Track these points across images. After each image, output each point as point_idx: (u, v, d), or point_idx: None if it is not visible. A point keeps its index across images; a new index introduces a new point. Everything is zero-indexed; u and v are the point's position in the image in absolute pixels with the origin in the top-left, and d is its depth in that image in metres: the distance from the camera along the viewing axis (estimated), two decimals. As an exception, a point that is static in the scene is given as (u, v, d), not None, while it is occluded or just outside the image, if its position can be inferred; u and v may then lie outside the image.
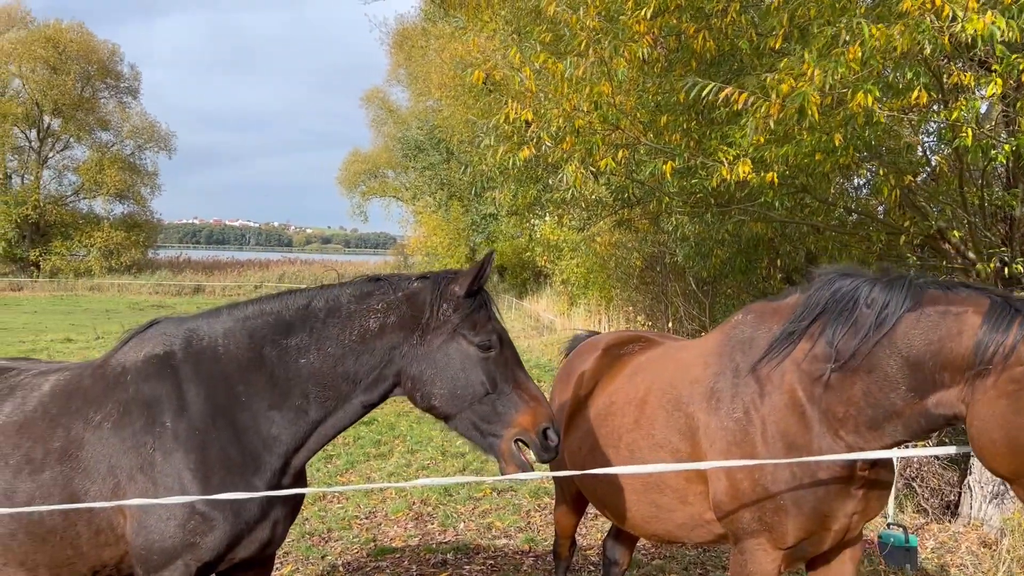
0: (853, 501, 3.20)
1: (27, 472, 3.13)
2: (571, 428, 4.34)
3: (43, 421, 3.21)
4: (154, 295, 40.93)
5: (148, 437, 3.11)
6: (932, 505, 7.72)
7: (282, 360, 3.21)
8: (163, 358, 3.25)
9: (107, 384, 3.26)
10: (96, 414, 3.19)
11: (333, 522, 7.19)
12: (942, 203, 7.06)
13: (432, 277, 3.30)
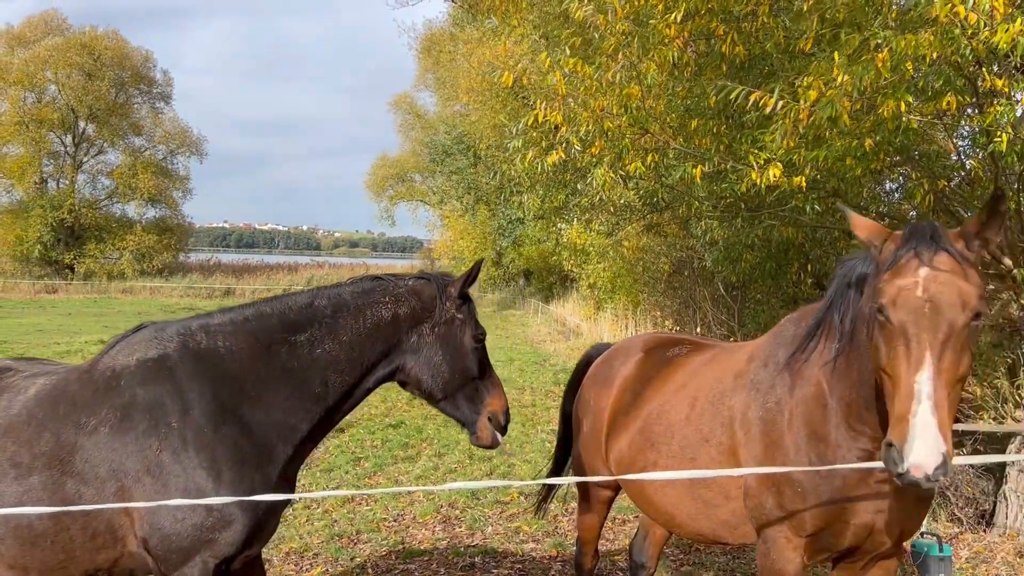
0: (876, 496, 3.13)
1: (13, 476, 3.14)
2: (617, 430, 4.34)
3: (28, 426, 3.22)
4: (185, 298, 41.50)
5: (153, 439, 3.17)
6: (967, 514, 7.60)
7: (294, 354, 3.41)
8: (158, 361, 3.31)
9: (97, 389, 3.30)
10: (90, 419, 3.22)
11: (362, 524, 7.24)
12: (977, 208, 6.96)
13: (433, 277, 3.73)
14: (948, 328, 2.46)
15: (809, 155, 5.52)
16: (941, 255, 2.55)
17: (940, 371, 2.43)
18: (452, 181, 45.38)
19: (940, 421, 2.36)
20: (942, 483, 2.42)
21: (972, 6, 4.17)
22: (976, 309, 2.50)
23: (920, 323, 2.48)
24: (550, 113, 6.43)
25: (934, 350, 2.44)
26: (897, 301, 2.54)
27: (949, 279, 2.51)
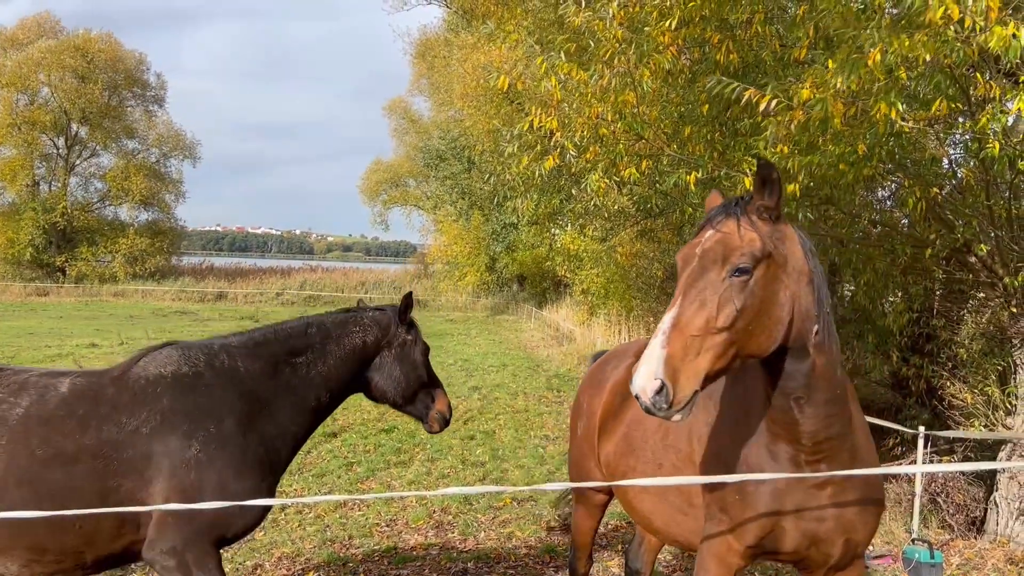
0: (812, 504, 3.08)
1: (59, 463, 3.48)
2: (605, 434, 4.36)
3: (71, 419, 3.58)
4: (177, 301, 41.37)
5: (193, 442, 3.66)
6: (957, 521, 7.62)
7: (295, 373, 4.14)
8: (193, 376, 3.85)
9: (135, 394, 3.73)
10: (131, 419, 3.64)
11: (354, 529, 7.22)
12: (968, 216, 6.99)
13: (388, 308, 4.62)
14: (704, 277, 2.63)
15: (803, 161, 5.54)
16: (728, 220, 2.74)
17: (686, 313, 2.57)
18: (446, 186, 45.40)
19: (670, 353, 2.49)
20: (669, 414, 2.46)
21: (968, 7, 4.18)
22: (736, 264, 2.63)
23: (686, 274, 2.68)
24: (545, 119, 6.44)
25: (687, 295, 2.61)
26: (681, 258, 2.77)
27: (722, 238, 2.69)
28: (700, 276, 2.64)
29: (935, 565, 6.05)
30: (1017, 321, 6.94)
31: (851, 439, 3.07)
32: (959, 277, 7.75)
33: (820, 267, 2.90)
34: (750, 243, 2.67)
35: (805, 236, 2.93)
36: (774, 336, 2.72)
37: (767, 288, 2.68)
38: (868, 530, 3.21)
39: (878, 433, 9.98)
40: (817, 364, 2.85)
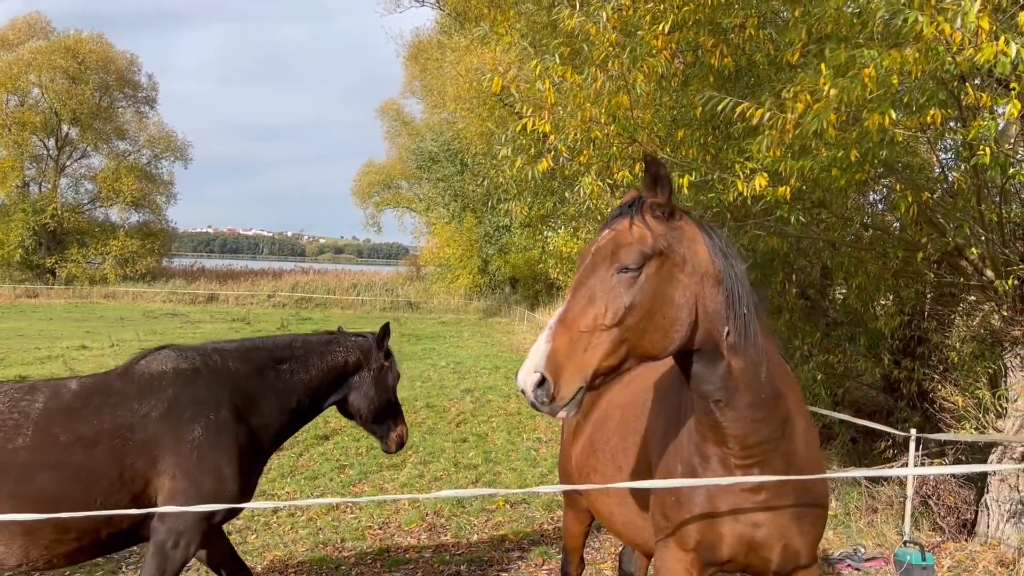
0: (745, 507, 3.05)
1: (81, 446, 3.93)
2: (576, 436, 4.40)
3: (87, 409, 4.05)
4: (168, 303, 41.20)
5: (196, 427, 4.16)
6: (948, 523, 7.66)
7: (279, 377, 4.67)
8: (192, 372, 4.36)
9: (142, 386, 4.21)
10: (141, 406, 4.12)
11: (347, 532, 7.20)
12: (960, 220, 7.02)
13: (370, 335, 5.14)
14: (594, 274, 2.66)
15: (795, 165, 5.55)
16: (623, 219, 2.77)
17: (572, 311, 2.60)
18: (438, 188, 45.36)
19: (554, 348, 2.51)
20: (553, 409, 2.49)
21: (959, 25, 4.21)
22: (624, 263, 2.64)
23: (579, 272, 2.73)
24: (539, 122, 6.44)
25: (576, 292, 2.66)
26: (579, 257, 2.83)
27: (614, 236, 2.71)
28: (591, 273, 2.67)
29: (926, 567, 6.08)
30: (1007, 324, 6.98)
31: (786, 444, 3.01)
32: (950, 280, 7.79)
33: (737, 268, 2.86)
34: (639, 240, 2.68)
35: (718, 236, 2.89)
36: (671, 337, 2.70)
37: (659, 287, 2.67)
38: (808, 539, 3.14)
39: (870, 436, 10.03)
40: (733, 367, 2.81)
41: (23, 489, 3.77)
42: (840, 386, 10.64)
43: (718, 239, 2.87)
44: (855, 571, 6.72)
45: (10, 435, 3.83)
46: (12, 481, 3.76)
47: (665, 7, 5.98)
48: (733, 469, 3.00)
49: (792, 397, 3.06)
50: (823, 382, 10.16)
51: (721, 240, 2.88)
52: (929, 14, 4.30)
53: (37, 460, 3.82)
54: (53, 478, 3.82)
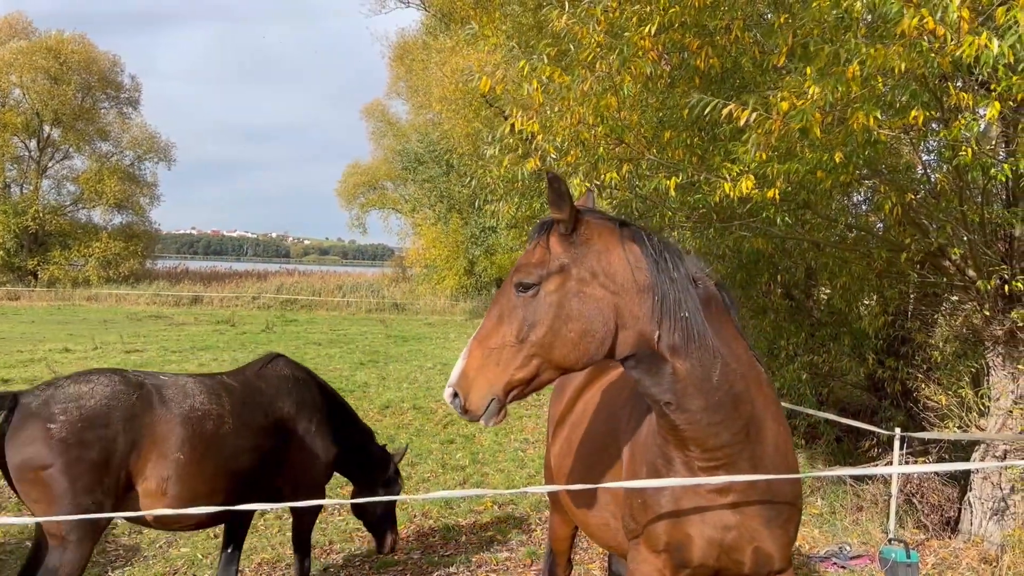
0: (713, 510, 3.05)
1: (260, 433, 5.02)
2: (555, 438, 4.42)
3: (254, 404, 5.07)
4: (152, 305, 40.87)
5: (311, 424, 5.36)
6: (932, 521, 7.74)
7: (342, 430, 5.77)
8: (305, 380, 5.55)
9: (278, 389, 5.30)
10: (281, 406, 5.24)
11: (335, 534, 7.19)
12: (942, 220, 7.11)
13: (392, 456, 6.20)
14: (502, 296, 2.84)
15: (781, 167, 5.60)
16: (530, 241, 2.92)
17: (486, 331, 2.78)
18: (424, 189, 45.25)
19: (466, 365, 2.75)
20: (472, 419, 2.75)
21: (940, 18, 4.25)
22: (520, 280, 2.80)
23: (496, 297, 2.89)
24: (527, 123, 6.46)
25: (490, 311, 2.83)
26: None
27: (520, 259, 2.88)
28: (501, 294, 2.84)
29: (911, 565, 6.14)
30: (990, 324, 7.06)
31: (752, 447, 2.98)
32: (933, 281, 7.87)
33: (675, 272, 2.85)
34: (538, 261, 2.81)
35: (649, 243, 2.87)
36: (582, 348, 2.77)
37: (561, 302, 2.76)
38: (780, 542, 3.11)
39: (855, 434, 10.11)
40: (679, 369, 2.80)
41: (230, 466, 4.76)
42: (825, 386, 10.73)
43: (650, 246, 2.86)
44: (841, 569, 6.78)
45: (219, 423, 4.76)
46: (223, 459, 4.72)
47: (651, 9, 6.01)
48: (696, 472, 2.99)
49: (760, 399, 3.03)
50: (808, 382, 10.24)
51: (654, 246, 2.87)
52: (912, 8, 4.35)
53: (238, 443, 4.82)
54: (247, 457, 4.87)
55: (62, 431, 4.16)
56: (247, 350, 21.48)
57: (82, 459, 4.15)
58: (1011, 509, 6.78)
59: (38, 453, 4.13)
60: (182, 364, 17.94)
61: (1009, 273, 6.60)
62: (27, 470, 4.15)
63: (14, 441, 4.18)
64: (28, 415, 4.21)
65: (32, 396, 4.31)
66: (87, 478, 4.16)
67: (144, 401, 4.48)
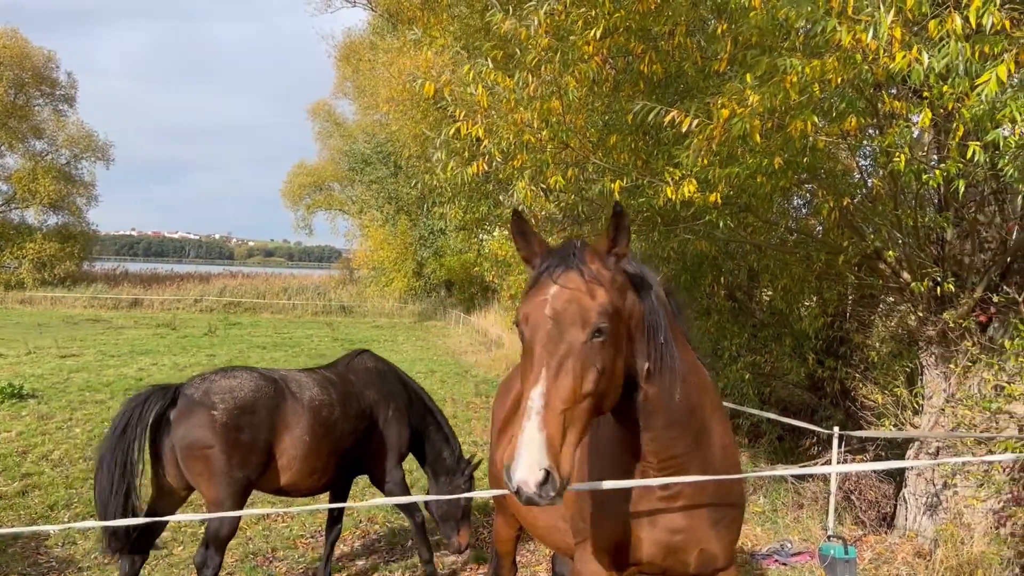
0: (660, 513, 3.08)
1: (360, 419, 5.88)
2: (500, 441, 4.44)
3: (350, 395, 5.87)
4: (89, 308, 39.70)
5: (388, 409, 6.11)
6: (869, 517, 7.93)
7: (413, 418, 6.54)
8: (385, 371, 6.35)
9: (365, 380, 6.09)
10: (370, 394, 6.06)
11: (278, 541, 7.07)
12: (878, 224, 7.30)
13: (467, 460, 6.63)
14: (567, 346, 2.48)
15: (722, 172, 5.69)
16: (570, 273, 2.60)
17: (555, 387, 2.42)
18: (372, 191, 44.88)
19: (548, 437, 2.34)
20: (556, 501, 2.32)
21: (874, 34, 4.38)
22: (596, 326, 2.52)
23: (541, 339, 2.51)
24: (471, 127, 6.44)
25: (550, 366, 2.45)
26: (528, 319, 2.59)
27: (573, 296, 2.55)
28: (559, 341, 2.50)
29: (849, 560, 6.28)
30: (923, 325, 7.28)
31: (702, 453, 3.04)
32: (870, 282, 8.08)
33: (654, 293, 2.85)
34: (602, 302, 2.57)
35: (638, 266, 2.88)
36: (620, 389, 2.69)
37: (616, 343, 2.60)
38: (724, 543, 3.17)
39: (796, 433, 10.32)
40: (650, 394, 2.82)
41: (337, 446, 5.61)
42: (767, 385, 10.93)
43: (641, 268, 2.87)
44: (782, 566, 6.91)
45: (331, 411, 5.59)
46: (333, 441, 5.56)
47: (596, 13, 6.05)
48: (650, 477, 3.03)
49: (708, 406, 3.09)
50: (751, 382, 10.43)
51: (642, 269, 2.87)
52: (847, 24, 4.46)
53: (343, 427, 5.66)
54: (348, 439, 5.72)
55: (223, 417, 4.99)
56: (188, 354, 21.02)
57: (238, 441, 5.00)
58: (943, 504, 6.99)
59: (204, 435, 4.94)
60: (120, 369, 17.47)
61: (941, 275, 6.81)
62: (194, 449, 4.95)
63: (182, 425, 4.98)
64: (193, 404, 5.02)
65: (193, 388, 5.13)
66: (240, 456, 5.01)
67: (279, 393, 5.37)
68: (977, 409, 6.76)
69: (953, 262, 7.06)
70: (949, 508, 6.91)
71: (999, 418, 6.71)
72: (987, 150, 4.81)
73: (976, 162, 4.86)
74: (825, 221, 7.51)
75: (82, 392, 14.25)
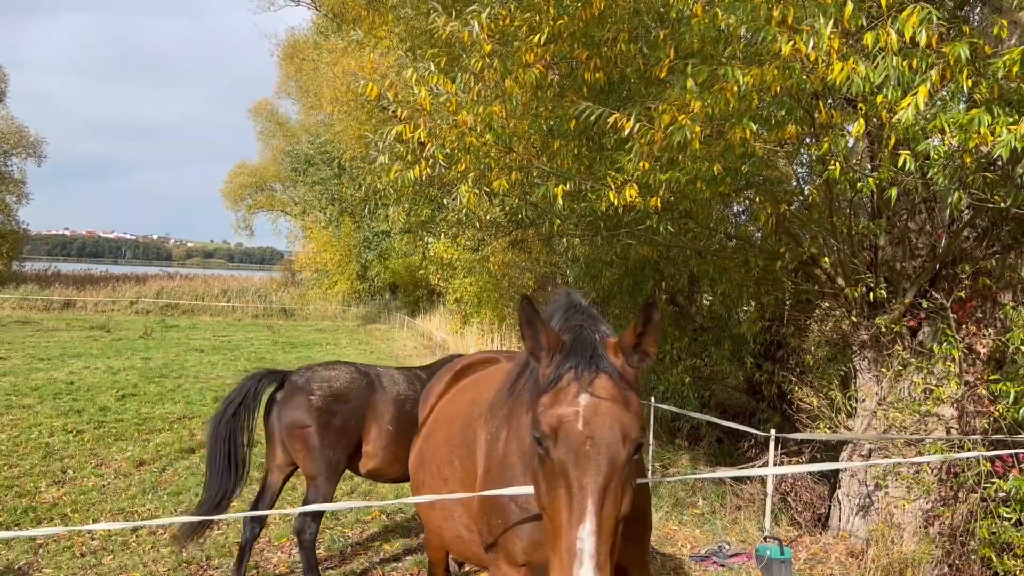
0: None
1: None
2: (413, 446, 4.42)
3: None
4: (19, 310, 38.28)
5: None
6: (805, 518, 8.09)
7: None
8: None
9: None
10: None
11: (212, 549, 6.88)
12: (814, 231, 7.47)
13: None
14: (610, 468, 2.26)
15: (663, 177, 5.76)
16: (601, 378, 2.36)
17: (603, 521, 2.21)
18: (315, 192, 44.31)
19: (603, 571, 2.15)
20: None
21: (813, 45, 4.48)
22: (636, 441, 2.33)
23: (581, 464, 2.25)
24: (413, 129, 6.40)
25: (595, 497, 2.22)
26: (558, 435, 2.31)
27: (610, 409, 2.31)
28: (600, 465, 2.25)
29: (784, 561, 6.40)
30: (857, 329, 7.46)
31: None
32: (806, 288, 8.26)
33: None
34: (637, 411, 2.36)
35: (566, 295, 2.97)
36: None
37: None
38: (633, 553, 3.08)
39: (735, 436, 10.49)
40: None
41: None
42: (707, 389, 11.10)
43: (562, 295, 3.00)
44: (720, 567, 7.00)
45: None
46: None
47: (541, 19, 6.06)
48: None
49: None
50: (691, 385, 10.57)
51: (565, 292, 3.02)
52: (786, 34, 4.56)
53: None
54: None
55: (319, 402, 5.73)
56: (123, 357, 20.42)
57: (331, 424, 5.71)
58: (875, 505, 7.17)
59: (302, 417, 5.71)
60: (50, 372, 16.87)
61: (874, 281, 6.99)
62: (294, 428, 5.73)
63: (286, 407, 5.79)
64: (296, 389, 5.82)
65: (298, 375, 5.95)
66: (332, 437, 5.71)
67: (370, 386, 5.99)
68: (907, 412, 6.96)
69: (886, 268, 7.26)
70: (880, 509, 7.09)
71: (928, 420, 6.91)
72: (918, 159, 4.95)
73: (907, 171, 5.00)
74: (763, 227, 7.66)
75: (8, 396, 13.71)
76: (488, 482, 3.24)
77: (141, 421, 12.12)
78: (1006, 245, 6.70)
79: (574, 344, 2.47)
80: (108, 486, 8.64)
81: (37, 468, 9.18)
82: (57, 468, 9.22)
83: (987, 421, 6.67)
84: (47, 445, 10.30)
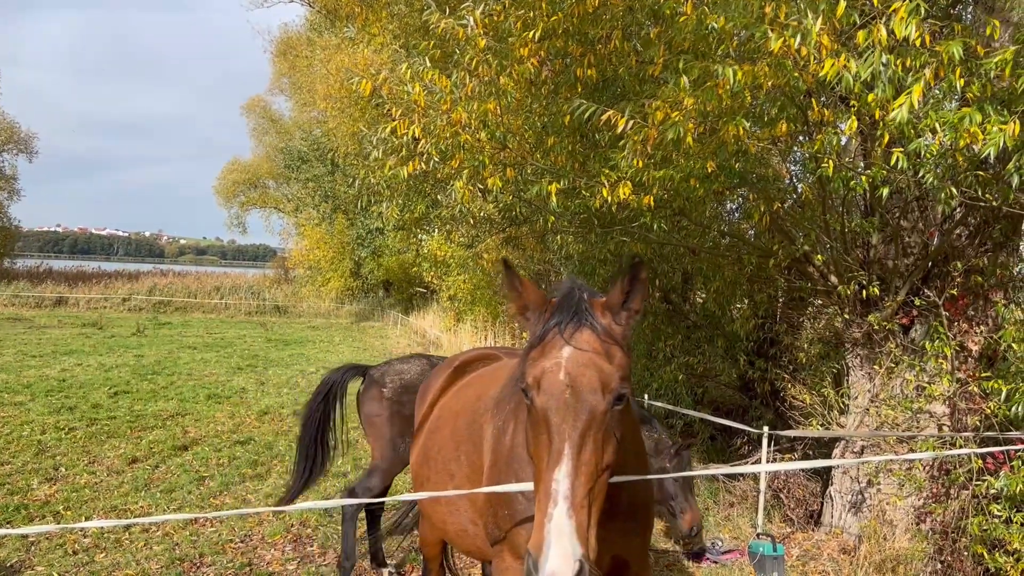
0: None
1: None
2: (414, 443, 4.42)
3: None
4: (10, 307, 38.11)
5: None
6: (797, 515, 8.12)
7: None
8: None
9: None
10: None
11: (206, 547, 6.87)
12: (807, 228, 7.48)
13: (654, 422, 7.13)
14: (589, 416, 2.32)
15: (657, 174, 5.76)
16: (583, 332, 2.43)
17: (580, 465, 2.27)
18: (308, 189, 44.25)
19: (577, 523, 2.19)
20: None
21: (803, 41, 4.49)
22: (617, 392, 2.37)
23: (559, 410, 2.33)
24: (407, 125, 6.39)
25: (573, 442, 2.28)
26: (541, 384, 2.39)
27: (591, 360, 2.37)
28: (579, 412, 2.32)
29: (777, 557, 6.42)
30: (849, 327, 7.49)
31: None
32: (799, 286, 8.28)
33: None
34: (621, 364, 2.41)
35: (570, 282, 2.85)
36: None
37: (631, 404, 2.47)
38: (635, 548, 3.16)
39: (728, 433, 10.52)
40: None
41: None
42: (700, 386, 11.12)
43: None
44: (713, 564, 7.02)
45: None
46: None
47: (535, 15, 6.06)
48: None
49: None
50: (684, 382, 10.59)
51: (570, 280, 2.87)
52: (777, 30, 4.56)
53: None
54: None
55: (389, 393, 6.16)
56: (115, 354, 20.35)
57: (400, 413, 6.06)
58: (867, 502, 7.20)
59: (375, 407, 6.17)
60: (42, 370, 16.80)
61: (866, 279, 7.01)
62: (370, 416, 6.21)
63: (364, 397, 6.29)
64: (372, 381, 6.31)
65: (376, 369, 6.44)
66: (400, 426, 6.06)
67: None
68: (899, 409, 6.99)
69: (878, 266, 7.28)
70: (873, 505, 7.11)
71: (920, 417, 6.94)
72: (910, 158, 4.97)
73: (900, 169, 5.01)
74: (756, 225, 7.68)
75: (0, 394, 13.66)
76: (495, 474, 3.26)
77: (134, 418, 12.09)
78: (998, 243, 6.72)
79: (561, 302, 2.55)
80: (100, 483, 8.62)
81: (29, 465, 9.15)
82: (49, 465, 9.19)
83: (979, 418, 6.70)
84: (39, 442, 10.26)
